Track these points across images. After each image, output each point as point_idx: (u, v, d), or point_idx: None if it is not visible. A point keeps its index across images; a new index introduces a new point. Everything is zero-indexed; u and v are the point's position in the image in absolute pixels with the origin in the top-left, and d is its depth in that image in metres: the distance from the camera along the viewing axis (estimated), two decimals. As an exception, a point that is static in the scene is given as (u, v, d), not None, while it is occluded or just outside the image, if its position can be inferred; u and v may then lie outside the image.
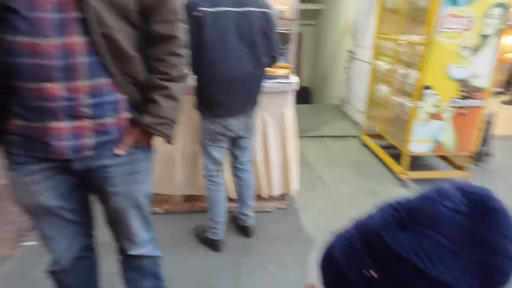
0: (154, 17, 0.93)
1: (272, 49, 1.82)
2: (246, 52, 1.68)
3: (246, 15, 1.63)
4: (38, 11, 0.77)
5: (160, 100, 0.96)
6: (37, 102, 0.82)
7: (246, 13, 1.63)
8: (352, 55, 4.51)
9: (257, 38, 1.69)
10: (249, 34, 1.65)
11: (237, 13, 1.61)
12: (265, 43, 1.75)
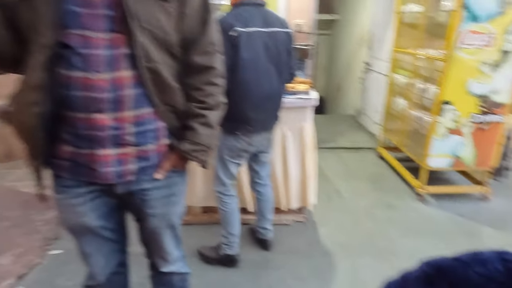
0: (194, 49, 0.98)
1: (292, 66, 1.88)
2: (273, 71, 1.74)
3: (273, 35, 1.70)
4: (92, 49, 0.83)
5: (198, 127, 1.01)
6: (87, 131, 0.88)
7: (273, 34, 1.70)
8: (368, 66, 4.52)
9: (282, 57, 1.76)
10: (275, 53, 1.72)
11: (265, 33, 1.67)
12: (287, 61, 1.80)
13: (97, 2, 0.83)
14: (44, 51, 0.82)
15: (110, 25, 0.84)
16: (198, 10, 0.97)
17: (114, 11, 0.84)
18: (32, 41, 0.83)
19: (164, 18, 0.89)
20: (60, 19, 0.80)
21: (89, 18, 0.82)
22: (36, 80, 0.83)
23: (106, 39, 0.84)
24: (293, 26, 3.50)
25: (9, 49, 0.85)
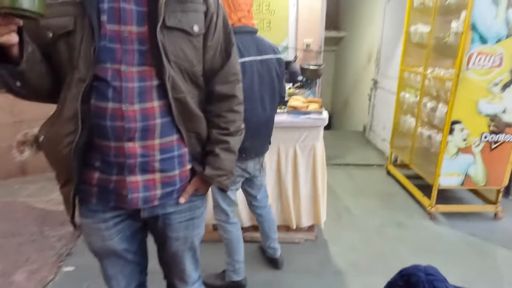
0: (216, 79, 1.03)
1: (282, 91, 1.91)
2: (267, 98, 1.76)
3: (266, 62, 1.71)
4: (124, 81, 0.87)
5: (221, 153, 1.04)
6: (117, 158, 0.91)
7: (265, 61, 1.71)
8: (376, 83, 4.56)
9: (274, 83, 1.78)
10: (268, 80, 1.74)
11: (259, 62, 1.68)
12: (279, 87, 1.83)
13: (130, 38, 0.87)
14: (80, 84, 0.86)
15: (142, 59, 0.88)
16: (221, 43, 1.02)
17: (145, 46, 0.88)
18: (68, 75, 0.87)
19: (191, 51, 0.93)
20: (96, 55, 0.85)
21: (122, 53, 0.87)
22: (72, 111, 0.87)
23: (137, 72, 0.88)
24: (302, 45, 3.58)
25: (45, 82, 0.89)
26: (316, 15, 3.51)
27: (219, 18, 1.00)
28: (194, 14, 0.93)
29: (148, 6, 0.87)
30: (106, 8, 0.85)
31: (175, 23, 0.89)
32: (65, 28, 0.83)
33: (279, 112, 2.34)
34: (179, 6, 0.90)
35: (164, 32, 0.87)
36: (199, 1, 0.95)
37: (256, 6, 3.47)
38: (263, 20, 3.51)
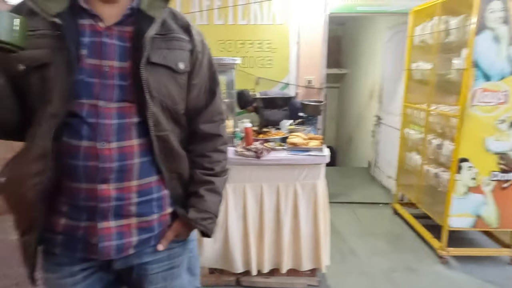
0: (201, 118, 0.99)
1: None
2: None
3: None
4: (101, 118, 0.81)
5: (206, 194, 0.97)
6: (88, 202, 0.83)
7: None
8: (379, 120, 4.52)
9: None
10: None
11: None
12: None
13: (110, 73, 0.82)
14: (52, 120, 0.79)
15: (122, 95, 0.83)
16: (206, 81, 0.99)
17: (127, 81, 0.83)
18: (40, 110, 0.81)
19: (175, 88, 0.89)
20: (72, 89, 0.79)
21: (101, 88, 0.82)
22: (41, 149, 0.80)
23: (117, 108, 0.83)
24: (303, 82, 3.58)
25: (14, 117, 0.83)
26: (317, 53, 3.55)
27: (205, 57, 0.98)
28: (180, 52, 0.90)
29: (132, 42, 0.84)
30: (87, 42, 0.81)
31: (160, 60, 0.86)
32: (40, 61, 0.78)
33: (278, 149, 2.28)
34: (165, 44, 0.87)
35: (148, 68, 0.83)
36: (185, 40, 0.92)
37: (258, 43, 3.52)
38: (265, 58, 3.54)
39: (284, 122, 2.63)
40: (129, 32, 0.85)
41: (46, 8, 0.79)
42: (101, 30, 0.83)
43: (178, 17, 0.94)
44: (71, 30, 0.80)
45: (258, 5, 3.47)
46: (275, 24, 3.48)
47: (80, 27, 0.81)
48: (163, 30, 0.88)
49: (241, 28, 3.51)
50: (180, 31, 0.92)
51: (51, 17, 0.79)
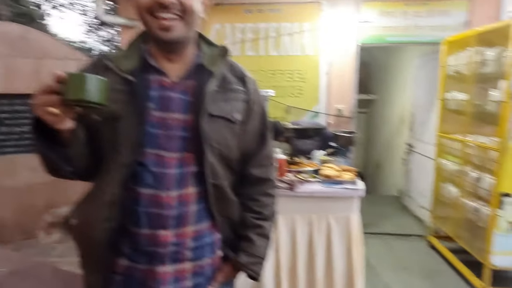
0: (251, 162, 1.02)
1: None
2: None
3: None
4: (164, 167, 0.87)
5: (255, 239, 1.00)
6: (148, 246, 0.87)
7: None
8: (411, 148, 4.43)
9: None
10: None
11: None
12: None
13: (174, 125, 0.88)
14: (122, 169, 0.85)
15: (183, 146, 0.88)
16: (258, 127, 1.02)
17: (188, 133, 0.88)
18: (110, 159, 0.87)
19: (231, 137, 0.94)
20: (140, 140, 0.85)
21: (165, 139, 0.87)
22: (111, 196, 0.86)
23: (178, 158, 0.88)
24: (333, 111, 3.60)
25: (86, 162, 0.89)
26: (348, 83, 3.57)
27: (258, 104, 1.01)
28: (236, 103, 0.95)
29: (194, 96, 0.90)
30: (154, 96, 0.88)
31: (218, 112, 0.91)
32: (113, 114, 0.84)
33: (311, 181, 2.28)
34: (223, 95, 0.92)
35: (208, 120, 0.89)
36: (241, 90, 0.97)
37: (288, 73, 3.60)
38: (295, 87, 3.61)
39: (316, 152, 2.63)
40: (191, 86, 0.90)
41: (120, 65, 0.87)
42: (167, 85, 0.89)
43: (235, 68, 0.99)
44: (141, 86, 0.86)
45: (288, 37, 3.57)
46: (305, 55, 3.56)
47: (148, 82, 0.88)
48: (221, 82, 0.93)
49: (272, 59, 3.61)
50: (236, 82, 0.97)
51: (124, 74, 0.86)
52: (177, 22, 0.84)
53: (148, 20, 0.84)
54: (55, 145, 0.78)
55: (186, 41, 0.90)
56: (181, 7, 0.83)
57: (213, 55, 0.95)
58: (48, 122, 0.71)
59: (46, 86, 0.70)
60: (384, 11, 3.48)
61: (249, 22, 3.62)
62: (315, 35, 3.54)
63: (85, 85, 0.68)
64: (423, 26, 3.47)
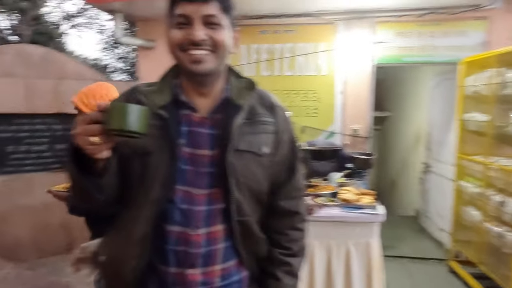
0: (280, 194, 0.98)
1: None
2: None
3: None
4: (193, 204, 0.86)
5: (282, 277, 0.96)
6: (176, 285, 0.86)
7: None
8: (427, 167, 4.34)
9: None
10: None
11: None
12: None
13: (202, 161, 0.87)
14: (151, 206, 0.84)
15: (211, 182, 0.87)
16: (287, 157, 0.99)
17: (216, 169, 0.87)
18: (139, 194, 0.86)
19: (259, 171, 0.91)
20: (171, 177, 0.84)
21: (194, 175, 0.86)
22: (141, 234, 0.85)
23: (206, 194, 0.87)
24: (349, 131, 3.57)
25: (113, 194, 0.87)
26: (363, 103, 3.55)
27: (287, 134, 0.98)
28: (264, 136, 0.92)
29: (221, 130, 0.88)
30: (185, 131, 0.87)
31: (246, 146, 0.89)
32: (144, 149, 0.84)
33: (329, 205, 2.23)
34: (251, 128, 0.90)
35: (235, 155, 0.87)
36: (270, 122, 0.94)
37: (303, 94, 3.60)
38: (310, 107, 3.60)
39: (333, 174, 2.60)
40: (219, 120, 0.89)
41: (153, 101, 0.87)
42: (196, 120, 0.89)
43: (264, 98, 0.97)
44: (173, 122, 0.86)
45: (303, 57, 3.59)
46: (320, 75, 3.56)
47: (180, 117, 0.88)
48: (249, 115, 0.91)
49: (287, 79, 3.62)
50: (265, 113, 0.94)
51: (157, 109, 0.86)
52: (208, 56, 0.84)
53: (179, 55, 0.85)
54: (90, 174, 0.77)
55: (216, 74, 0.90)
56: (212, 42, 0.84)
57: (241, 87, 0.94)
58: (88, 151, 0.71)
59: (89, 115, 0.70)
60: (399, 31, 3.48)
61: (265, 43, 3.65)
62: (330, 55, 3.54)
63: (127, 115, 0.68)
64: (439, 46, 3.44)
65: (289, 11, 3.50)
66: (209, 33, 0.83)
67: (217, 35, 0.84)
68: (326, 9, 3.41)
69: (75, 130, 0.71)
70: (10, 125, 3.22)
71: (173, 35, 0.84)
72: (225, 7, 0.85)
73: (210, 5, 0.82)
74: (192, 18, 0.81)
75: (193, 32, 0.81)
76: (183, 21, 0.82)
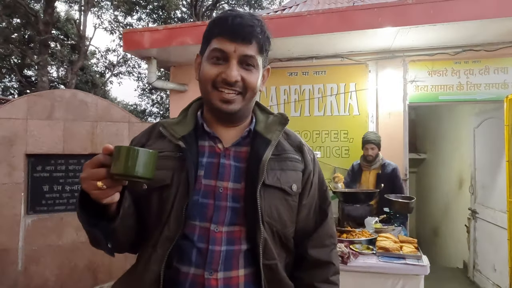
0: (310, 242, 0.90)
1: None
2: None
3: None
4: (211, 243, 0.78)
5: None
6: None
7: None
8: (474, 214, 3.97)
9: None
10: None
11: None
12: None
13: (224, 194, 0.81)
14: (166, 244, 0.78)
15: (233, 218, 0.80)
16: (316, 201, 0.93)
17: (239, 204, 0.80)
18: (155, 232, 0.80)
19: (286, 211, 0.84)
20: (187, 210, 0.79)
21: (214, 210, 0.80)
22: (154, 275, 0.78)
23: (227, 232, 0.79)
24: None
25: (131, 235, 0.82)
26: (397, 143, 3.38)
27: (315, 175, 0.93)
28: (293, 173, 0.87)
29: (248, 163, 0.83)
30: (205, 162, 0.83)
31: (274, 182, 0.82)
32: (162, 182, 0.80)
33: (366, 254, 2.03)
34: (279, 164, 0.85)
35: (263, 190, 0.80)
36: (298, 160, 0.89)
37: (334, 134, 3.50)
38: (341, 147, 3.47)
39: (369, 219, 2.40)
40: (244, 152, 0.85)
41: (174, 132, 0.84)
42: (219, 152, 0.85)
43: (291, 137, 0.93)
44: (192, 152, 0.82)
45: (334, 97, 3.54)
46: (351, 115, 3.47)
47: (201, 148, 0.84)
48: (277, 150, 0.86)
49: (317, 119, 3.56)
50: (293, 151, 0.90)
51: (176, 140, 0.83)
52: (237, 97, 0.82)
53: (210, 91, 0.82)
54: (100, 219, 0.72)
55: (243, 114, 0.87)
56: (244, 85, 0.81)
57: (269, 122, 0.90)
58: (94, 196, 0.67)
59: (95, 159, 0.67)
60: (433, 70, 3.37)
61: (293, 84, 3.67)
62: (362, 95, 3.47)
63: (132, 159, 0.65)
64: (479, 83, 3.28)
65: (319, 53, 3.52)
66: (243, 74, 0.80)
67: (250, 78, 0.81)
68: (356, 49, 3.41)
69: (82, 174, 0.68)
70: (48, 165, 3.34)
71: (207, 71, 0.81)
72: (264, 49, 0.83)
73: (250, 46, 0.80)
74: (230, 55, 0.79)
75: (229, 72, 0.79)
76: (219, 55, 0.80)
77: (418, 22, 2.84)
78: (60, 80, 12.56)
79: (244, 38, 0.78)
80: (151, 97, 14.94)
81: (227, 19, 0.79)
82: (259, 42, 0.80)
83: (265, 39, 0.82)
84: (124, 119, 3.56)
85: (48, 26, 9.39)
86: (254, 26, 0.79)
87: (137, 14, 13.01)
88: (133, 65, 13.95)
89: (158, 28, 3.52)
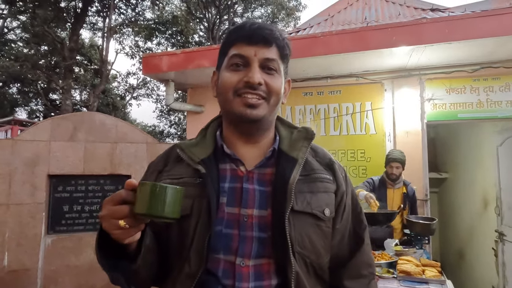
0: (345, 272, 0.81)
1: None
2: None
3: None
4: (237, 279, 0.70)
5: None
6: None
7: None
8: (502, 236, 3.78)
9: None
10: None
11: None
12: None
13: (249, 223, 0.73)
14: (187, 281, 0.71)
15: (261, 250, 0.72)
16: (350, 225, 0.83)
17: (266, 233, 0.72)
18: (176, 268, 0.74)
19: (319, 239, 0.76)
20: (210, 243, 0.71)
21: (239, 241, 0.72)
22: None
23: (254, 266, 0.71)
24: (404, 193, 3.28)
25: (151, 272, 0.76)
26: (416, 162, 3.31)
27: (348, 196, 0.83)
28: (325, 195, 0.78)
29: (273, 186, 0.74)
30: (227, 188, 0.75)
31: (304, 207, 0.74)
32: (181, 212, 0.70)
33: (387, 277, 1.96)
34: (308, 186, 0.76)
35: (290, 218, 0.72)
36: (329, 180, 0.80)
37: (351, 153, 3.46)
38: (359, 167, 3.42)
39: (388, 241, 2.32)
40: (269, 175, 0.77)
41: (192, 155, 0.77)
42: (242, 175, 0.77)
43: (319, 154, 0.84)
44: (213, 177, 0.74)
45: (350, 116, 3.52)
46: (368, 134, 3.44)
47: (221, 172, 0.77)
48: (304, 170, 0.77)
49: (333, 139, 3.54)
50: (322, 170, 0.80)
51: (195, 164, 0.76)
52: (261, 102, 0.75)
53: (232, 99, 0.75)
54: (120, 259, 0.67)
55: (266, 124, 0.79)
56: (267, 89, 0.75)
57: (294, 138, 0.82)
58: (115, 236, 0.62)
59: (116, 196, 0.62)
60: (451, 87, 3.33)
61: (309, 104, 3.68)
62: (379, 114, 3.44)
63: (157, 197, 0.59)
64: (499, 100, 3.21)
65: (334, 73, 3.54)
66: (266, 78, 0.75)
67: (273, 82, 0.75)
68: (371, 69, 3.41)
69: (101, 212, 0.62)
70: (69, 185, 3.43)
71: (227, 78, 0.75)
72: (284, 54, 0.78)
73: (271, 49, 0.75)
74: (251, 60, 0.74)
75: (251, 74, 0.73)
76: (239, 62, 0.75)
77: (433, 41, 2.83)
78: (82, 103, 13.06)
79: (264, 40, 0.74)
80: (169, 118, 15.27)
81: (244, 25, 0.76)
82: (279, 45, 0.76)
83: (284, 44, 0.77)
84: (142, 140, 3.64)
85: (73, 52, 9.87)
86: (273, 30, 0.76)
87: (157, 39, 13.54)
88: (152, 88, 14.41)
89: (176, 52, 3.64)
